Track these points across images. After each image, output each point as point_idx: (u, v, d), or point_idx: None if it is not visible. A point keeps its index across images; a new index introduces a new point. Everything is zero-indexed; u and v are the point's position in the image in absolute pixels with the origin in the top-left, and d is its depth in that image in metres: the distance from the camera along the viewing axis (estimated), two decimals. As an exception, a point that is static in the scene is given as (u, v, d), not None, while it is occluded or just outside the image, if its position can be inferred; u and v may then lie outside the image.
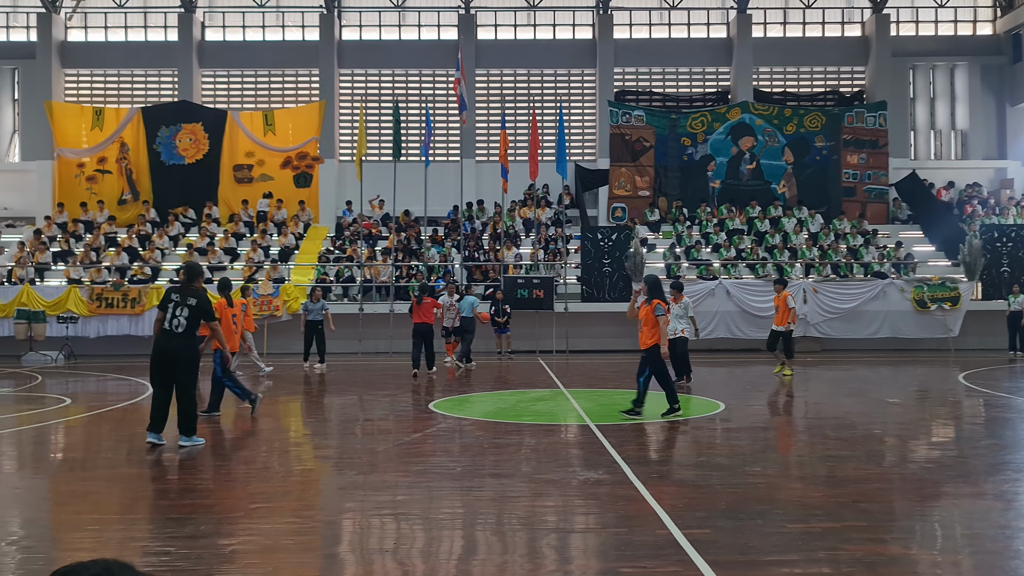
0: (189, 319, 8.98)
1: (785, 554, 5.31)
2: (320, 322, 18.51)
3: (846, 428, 10.31)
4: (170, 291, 9.20)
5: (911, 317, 22.40)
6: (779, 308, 16.23)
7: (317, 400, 14.06)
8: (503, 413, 11.67)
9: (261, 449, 9.46)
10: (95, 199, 26.82)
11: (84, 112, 27.62)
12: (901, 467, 8.25)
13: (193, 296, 9.05)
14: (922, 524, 6.22)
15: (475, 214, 26.93)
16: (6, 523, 6.43)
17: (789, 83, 30.20)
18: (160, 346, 8.99)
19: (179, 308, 8.96)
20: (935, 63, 30.02)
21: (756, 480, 7.41)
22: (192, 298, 9.02)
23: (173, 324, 8.94)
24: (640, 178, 27.23)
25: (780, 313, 16.15)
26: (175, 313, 8.95)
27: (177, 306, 8.97)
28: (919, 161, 29.35)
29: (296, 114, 27.75)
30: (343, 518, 6.40)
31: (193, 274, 9.37)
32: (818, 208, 26.71)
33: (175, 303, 8.99)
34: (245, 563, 5.28)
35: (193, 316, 9.00)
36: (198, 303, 9.05)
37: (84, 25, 30.07)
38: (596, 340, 22.53)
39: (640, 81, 30.02)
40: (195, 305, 9.01)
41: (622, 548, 5.48)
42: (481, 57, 29.28)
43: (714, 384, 15.30)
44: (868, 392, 14.17)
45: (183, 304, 8.98)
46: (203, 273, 9.57)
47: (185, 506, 6.73)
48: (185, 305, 8.98)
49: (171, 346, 8.95)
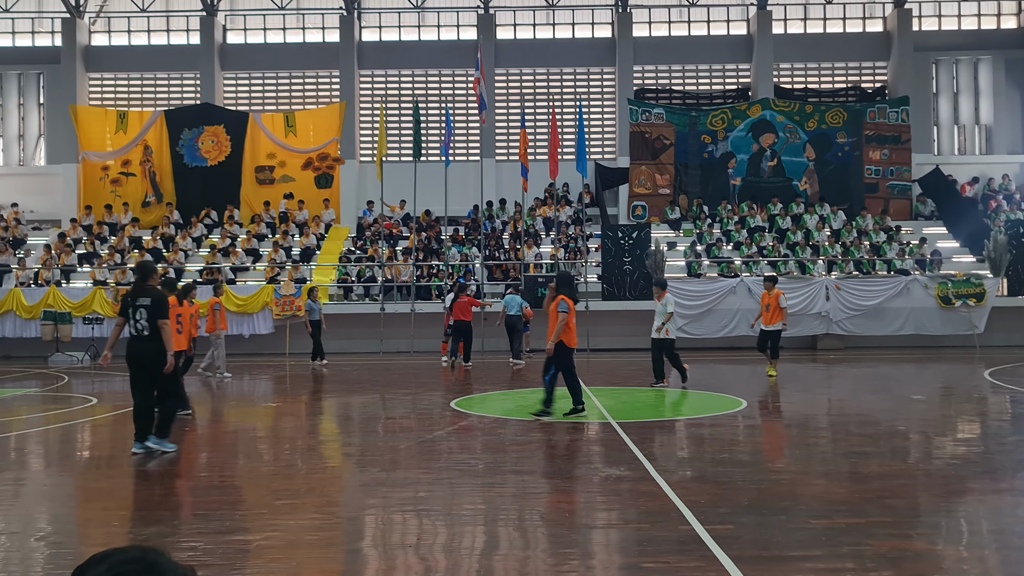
0: (149, 320, 8.63)
1: (809, 549, 5.28)
2: (320, 321, 19.34)
3: (870, 425, 10.23)
4: (127, 295, 8.88)
5: (935, 314, 22.17)
6: (770, 307, 15.57)
7: (339, 399, 14.14)
8: (524, 411, 11.68)
9: (284, 447, 9.54)
10: (119, 202, 27.12)
11: (108, 115, 27.94)
12: (926, 463, 8.18)
13: (147, 296, 8.72)
14: (947, 520, 6.17)
15: (495, 213, 26.96)
16: (35, 519, 6.53)
17: (810, 79, 29.97)
18: (131, 353, 8.70)
19: (137, 311, 8.64)
20: (958, 57, 29.69)
21: (779, 476, 7.38)
22: (146, 298, 8.69)
23: (137, 328, 8.63)
24: (660, 176, 27.14)
25: (771, 312, 15.49)
26: (135, 317, 8.63)
27: (135, 309, 8.65)
28: (943, 156, 29.03)
29: (317, 115, 27.90)
30: (366, 514, 6.44)
31: (146, 272, 8.97)
32: (840, 205, 26.50)
33: (133, 307, 8.67)
34: (270, 558, 5.33)
35: (151, 316, 8.65)
36: (152, 301, 8.69)
37: (107, 29, 30.40)
38: (617, 338, 22.47)
39: (660, 79, 29.92)
40: (149, 304, 8.66)
41: (644, 543, 5.48)
42: (500, 57, 29.30)
43: (736, 381, 15.22)
44: (892, 389, 14.05)
45: (139, 306, 8.66)
46: (156, 271, 9.15)
47: (211, 502, 6.80)
48: (141, 307, 8.65)
49: (141, 351, 8.65)
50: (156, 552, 1.64)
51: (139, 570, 1.59)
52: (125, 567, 1.58)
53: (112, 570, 1.56)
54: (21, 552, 5.60)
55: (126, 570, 1.58)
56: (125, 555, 1.60)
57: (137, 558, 1.60)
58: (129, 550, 1.62)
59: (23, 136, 30.21)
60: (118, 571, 1.57)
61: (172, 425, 9.06)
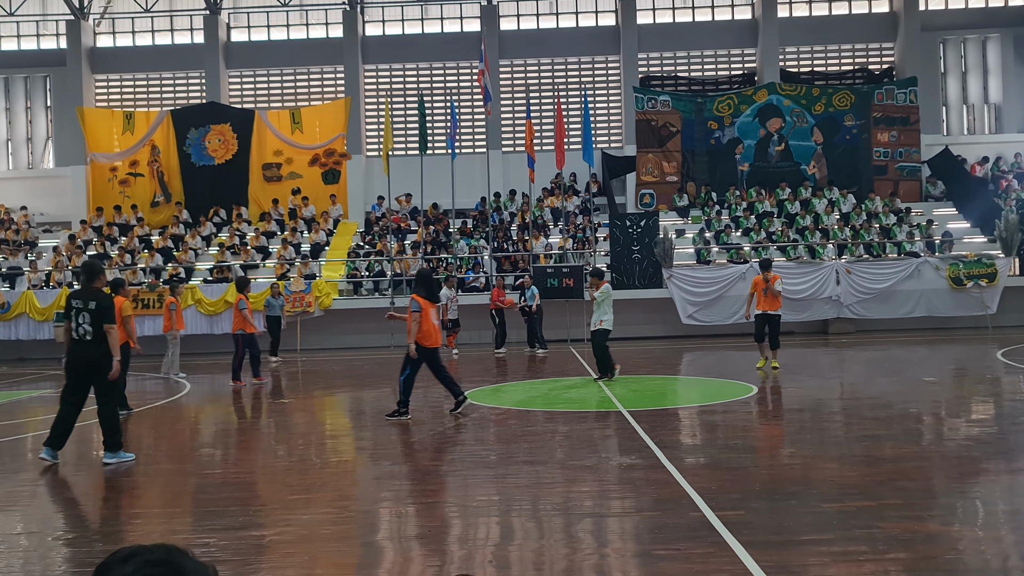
0: (93, 324, 8.31)
1: (821, 533, 5.28)
2: (280, 317, 19.69)
3: (882, 408, 10.20)
4: (70, 297, 8.51)
5: (947, 295, 22.06)
6: (768, 291, 14.39)
7: (351, 393, 14.20)
8: (535, 401, 11.71)
9: (297, 442, 9.58)
10: (128, 202, 27.23)
11: (115, 117, 28.04)
12: (938, 445, 8.15)
13: (93, 299, 8.37)
14: (961, 501, 6.15)
15: (503, 205, 26.94)
16: (52, 518, 6.59)
17: (816, 62, 29.79)
18: (73, 357, 8.38)
19: (80, 315, 8.31)
20: (966, 36, 29.43)
21: (790, 461, 7.37)
22: (91, 301, 8.35)
23: (80, 332, 8.33)
24: (667, 163, 27.06)
25: (771, 296, 14.38)
26: (79, 321, 8.31)
27: (79, 312, 8.31)
28: (952, 137, 28.82)
29: (322, 111, 27.92)
30: (379, 507, 6.47)
31: (92, 274, 8.58)
32: (849, 188, 26.36)
33: (77, 309, 8.32)
34: (283, 552, 5.36)
35: (96, 320, 8.31)
36: (98, 305, 8.36)
37: (112, 31, 30.47)
38: (627, 327, 22.40)
39: (665, 66, 29.79)
40: (95, 309, 8.33)
41: (656, 531, 5.49)
42: (504, 48, 29.24)
43: (746, 367, 15.19)
44: (904, 372, 14.00)
45: (84, 309, 8.32)
46: (103, 272, 8.70)
47: (223, 499, 6.85)
48: (86, 310, 8.32)
49: (83, 355, 8.35)
50: (181, 553, 1.61)
51: (165, 573, 1.57)
52: (151, 570, 1.56)
53: (138, 571, 1.54)
54: (39, 551, 5.66)
55: (152, 572, 1.55)
56: (151, 556, 1.58)
57: (163, 560, 1.58)
58: (155, 550, 1.60)
59: (31, 139, 30.35)
60: (145, 573, 1.55)
61: (119, 433, 8.59)
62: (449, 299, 19.79)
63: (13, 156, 30.31)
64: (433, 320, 10.41)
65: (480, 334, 22.16)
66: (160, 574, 1.56)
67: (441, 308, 19.63)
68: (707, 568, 4.74)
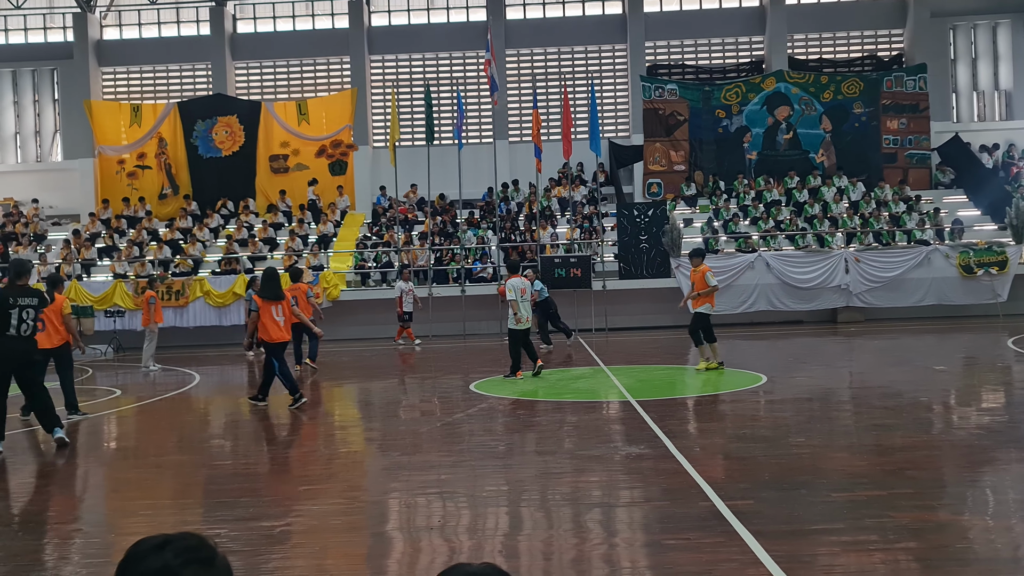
0: (35, 320, 8.60)
1: (831, 523, 5.27)
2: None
3: (892, 397, 10.16)
4: (5, 295, 8.57)
5: (957, 283, 21.94)
6: (695, 285, 13.37)
7: (360, 384, 14.22)
8: (544, 392, 11.71)
9: (306, 433, 9.61)
10: (136, 195, 27.29)
11: (122, 109, 28.08)
12: (949, 434, 8.13)
13: (31, 295, 8.65)
14: (972, 491, 6.14)
15: (510, 195, 26.90)
16: (65, 510, 6.63)
17: (825, 50, 29.58)
18: (9, 351, 8.48)
19: (24, 311, 8.49)
20: (976, 22, 29.18)
21: (800, 451, 7.36)
22: (35, 298, 8.65)
23: (21, 329, 8.48)
24: (675, 152, 26.95)
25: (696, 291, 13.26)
26: (21, 317, 8.46)
27: (22, 309, 8.47)
28: (962, 124, 28.61)
29: (329, 102, 27.90)
30: (389, 498, 6.48)
31: (20, 271, 8.70)
32: (858, 176, 26.23)
33: (20, 307, 8.48)
34: (294, 543, 5.38)
35: (37, 316, 8.67)
36: (39, 301, 8.71)
37: (119, 23, 30.47)
38: (635, 317, 22.44)
39: (672, 54, 29.64)
40: (36, 304, 8.63)
41: (665, 521, 5.49)
42: (511, 37, 29.13)
43: (755, 356, 15.17)
44: (914, 360, 13.95)
45: (27, 306, 8.52)
46: (30, 270, 8.85)
47: (234, 490, 6.87)
48: (29, 307, 8.53)
49: (21, 349, 8.54)
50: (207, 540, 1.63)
51: (204, 560, 1.59)
52: (191, 555, 1.57)
53: (179, 557, 1.56)
54: (53, 542, 5.69)
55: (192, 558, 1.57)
56: (187, 543, 1.59)
57: (199, 546, 1.60)
58: (187, 537, 1.61)
59: (39, 132, 30.41)
60: (186, 559, 1.56)
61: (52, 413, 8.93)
62: (404, 291, 20.21)
63: (22, 149, 30.38)
64: (274, 316, 10.88)
65: (487, 324, 22.16)
66: (201, 560, 1.58)
67: (396, 300, 20.29)
68: (717, 558, 4.74)
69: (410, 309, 20.32)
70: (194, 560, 1.57)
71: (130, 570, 1.57)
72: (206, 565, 1.58)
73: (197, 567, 1.57)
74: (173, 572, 1.55)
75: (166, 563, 1.55)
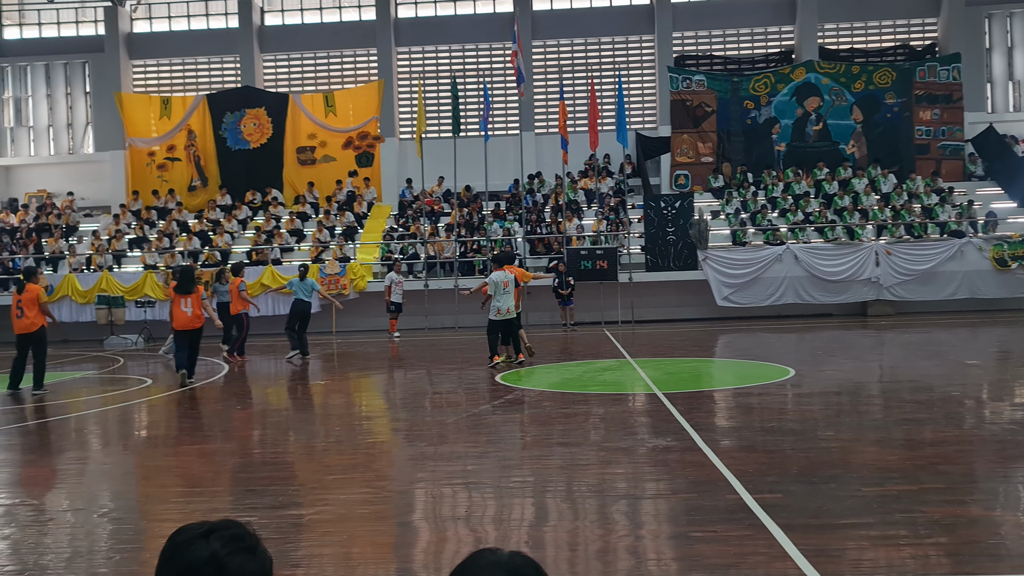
0: None
1: (860, 517, 5.22)
2: (228, 303, 17.12)
3: (923, 391, 10.04)
4: None
5: (991, 276, 21.61)
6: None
7: (386, 375, 14.30)
8: (570, 384, 11.70)
9: (334, 423, 9.68)
10: (166, 187, 27.60)
11: (152, 102, 28.38)
12: (981, 429, 8.01)
13: None
14: (1004, 486, 6.05)
15: (536, 187, 26.85)
16: (97, 496, 6.73)
17: (856, 39, 29.18)
18: None
19: None
20: (1012, 10, 28.62)
21: (829, 444, 7.29)
22: None
23: None
24: (703, 144, 26.76)
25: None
26: None
27: None
28: (997, 114, 28.12)
29: (356, 94, 28.00)
30: (415, 488, 6.51)
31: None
32: (890, 167, 25.88)
33: None
34: (322, 531, 5.43)
35: None
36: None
37: (148, 16, 30.77)
38: (661, 309, 22.35)
39: (700, 45, 29.39)
40: None
41: (692, 513, 5.47)
42: (537, 28, 29.03)
43: (783, 350, 15.05)
44: (946, 354, 13.77)
45: None
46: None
47: (263, 478, 6.94)
48: None
49: None
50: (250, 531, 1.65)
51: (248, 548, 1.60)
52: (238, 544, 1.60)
53: (227, 546, 1.58)
54: (86, 528, 5.79)
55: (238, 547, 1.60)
56: (231, 531, 1.62)
57: (243, 535, 1.63)
58: (230, 525, 1.64)
59: (71, 125, 30.82)
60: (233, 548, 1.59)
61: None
62: (394, 282, 20.44)
63: (55, 142, 30.82)
64: (182, 308, 12.82)
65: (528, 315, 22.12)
66: (245, 548, 1.60)
67: (385, 290, 20.63)
68: (744, 551, 4.71)
69: (398, 300, 20.57)
70: (240, 549, 1.59)
71: (176, 559, 1.58)
72: (250, 553, 1.60)
73: (243, 556, 1.58)
74: (220, 561, 1.56)
75: (213, 552, 1.56)
